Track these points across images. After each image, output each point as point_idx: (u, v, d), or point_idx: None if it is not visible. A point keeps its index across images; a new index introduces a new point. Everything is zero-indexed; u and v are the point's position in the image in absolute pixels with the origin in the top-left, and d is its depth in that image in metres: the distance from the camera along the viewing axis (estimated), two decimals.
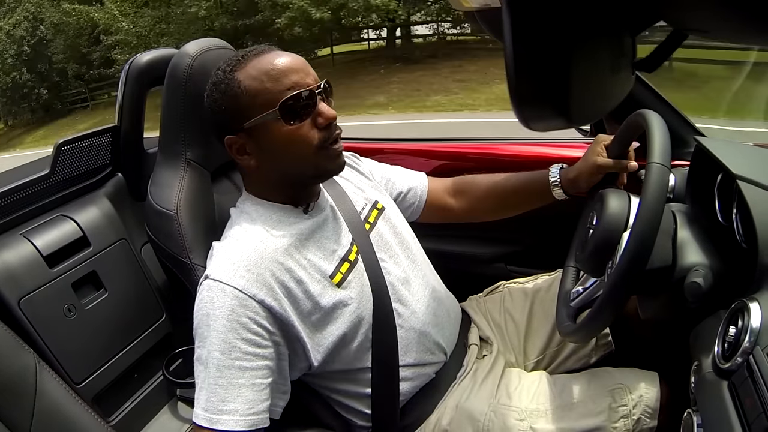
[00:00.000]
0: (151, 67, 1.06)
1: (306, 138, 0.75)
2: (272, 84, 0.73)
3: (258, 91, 0.73)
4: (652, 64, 0.45)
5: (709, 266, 0.67)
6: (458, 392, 0.88)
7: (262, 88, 0.73)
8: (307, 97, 0.74)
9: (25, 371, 0.74)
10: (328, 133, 0.76)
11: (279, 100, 0.73)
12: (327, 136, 0.76)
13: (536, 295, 1.03)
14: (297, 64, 0.75)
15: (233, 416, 0.67)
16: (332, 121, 0.76)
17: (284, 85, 0.73)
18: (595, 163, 0.90)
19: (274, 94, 0.73)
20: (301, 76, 0.74)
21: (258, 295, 0.70)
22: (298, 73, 0.74)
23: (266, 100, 0.73)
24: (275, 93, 0.73)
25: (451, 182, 1.06)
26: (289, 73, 0.74)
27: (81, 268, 0.99)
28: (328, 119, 0.75)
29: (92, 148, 1.08)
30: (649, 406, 0.80)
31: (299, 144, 0.75)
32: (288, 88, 0.73)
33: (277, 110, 0.73)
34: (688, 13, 0.36)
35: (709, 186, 0.78)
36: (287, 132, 0.74)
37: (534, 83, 0.39)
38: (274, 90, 0.73)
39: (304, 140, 0.75)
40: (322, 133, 0.75)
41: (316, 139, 0.75)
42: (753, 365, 0.52)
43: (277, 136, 0.74)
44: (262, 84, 0.73)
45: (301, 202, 0.81)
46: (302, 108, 0.74)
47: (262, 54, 0.76)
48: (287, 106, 0.73)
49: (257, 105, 0.74)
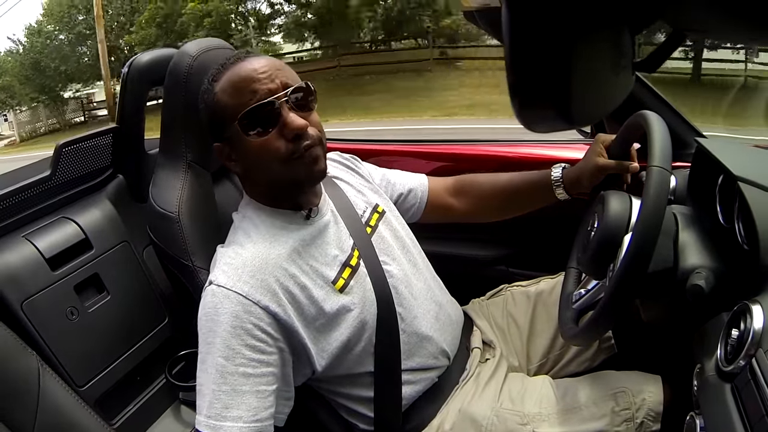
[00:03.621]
0: (151, 67, 1.06)
1: (271, 149, 0.73)
2: (236, 97, 0.73)
3: (225, 104, 0.74)
4: (653, 65, 0.45)
5: (710, 268, 0.66)
6: (461, 396, 0.87)
7: (229, 101, 0.74)
8: (266, 108, 0.72)
9: (28, 374, 0.74)
10: (295, 145, 0.73)
11: (238, 114, 0.73)
12: (294, 148, 0.73)
13: (539, 299, 1.02)
14: (263, 71, 0.74)
15: (237, 423, 0.67)
16: (299, 131, 0.73)
17: (245, 96, 0.73)
18: (596, 164, 0.89)
19: (236, 108, 0.73)
20: (263, 85, 0.73)
21: (262, 301, 0.70)
22: (260, 82, 0.73)
23: (231, 114, 0.74)
24: (237, 106, 0.73)
25: (452, 182, 1.06)
26: (251, 82, 0.73)
27: (83, 270, 0.99)
28: (294, 130, 0.72)
29: (93, 149, 1.08)
30: (652, 409, 0.79)
31: (266, 155, 0.74)
32: (248, 99, 0.72)
33: (236, 124, 0.73)
34: (687, 13, 0.36)
35: (711, 187, 0.77)
36: (253, 144, 0.74)
37: (534, 84, 0.39)
38: (236, 103, 0.73)
39: (269, 152, 0.73)
40: (289, 145, 0.73)
41: (282, 150, 0.73)
42: (756, 368, 0.52)
43: (246, 148, 0.75)
44: (228, 97, 0.74)
45: (301, 207, 0.81)
46: (264, 120, 0.73)
47: (237, 63, 0.76)
48: (245, 118, 0.73)
49: (227, 117, 0.74)
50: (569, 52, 0.37)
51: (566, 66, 0.38)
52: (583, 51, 0.38)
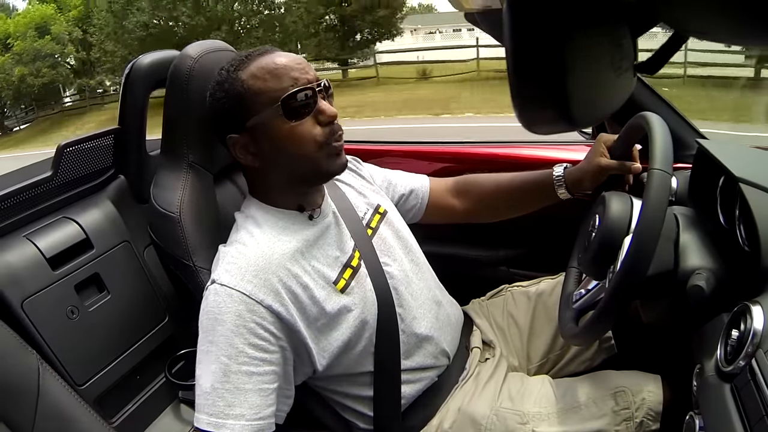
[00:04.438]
0: (153, 69, 1.06)
1: (308, 135, 0.75)
2: (274, 82, 0.74)
3: (261, 89, 0.74)
4: (654, 66, 0.45)
5: (711, 269, 0.67)
6: (460, 396, 0.88)
7: (264, 86, 0.74)
8: (309, 94, 0.74)
9: (28, 373, 0.74)
10: (330, 130, 0.76)
11: (281, 97, 0.73)
12: (329, 133, 0.76)
13: (539, 299, 1.03)
14: (298, 63, 0.76)
15: (239, 421, 0.67)
16: (334, 119, 0.76)
17: (286, 82, 0.74)
18: (598, 165, 0.89)
19: (277, 92, 0.73)
20: (302, 74, 0.75)
21: (265, 300, 0.71)
22: (299, 71, 0.75)
23: (269, 98, 0.74)
24: (277, 90, 0.73)
25: (453, 182, 1.06)
26: (291, 70, 0.75)
27: (84, 270, 0.99)
28: (330, 117, 0.75)
29: (95, 150, 1.08)
30: (651, 409, 0.79)
31: (301, 141, 0.75)
32: (290, 85, 0.74)
33: (280, 106, 0.73)
34: (687, 15, 0.36)
35: (711, 189, 0.78)
36: (289, 129, 0.74)
37: (535, 86, 0.39)
38: (276, 87, 0.74)
39: (306, 137, 0.75)
40: (324, 130, 0.76)
41: (318, 136, 0.75)
42: (755, 368, 0.52)
43: (279, 133, 0.75)
44: (264, 82, 0.74)
45: (305, 208, 0.81)
46: (304, 105, 0.74)
47: (265, 54, 0.77)
48: (289, 102, 0.73)
49: (260, 103, 0.74)
50: (570, 53, 0.37)
51: (567, 68, 0.38)
52: (584, 53, 0.38)
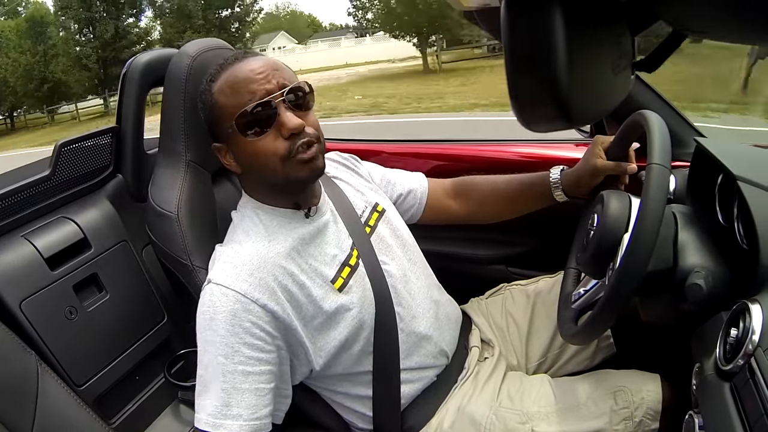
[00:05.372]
0: (151, 67, 1.06)
1: (269, 150, 0.73)
2: (234, 97, 0.73)
3: (224, 104, 0.74)
4: (652, 65, 0.45)
5: (710, 268, 0.66)
6: (460, 395, 0.87)
7: (225, 101, 0.74)
8: (263, 108, 0.72)
9: (27, 373, 0.74)
10: (292, 143, 0.73)
11: (235, 115, 0.73)
12: (290, 146, 0.73)
13: (538, 297, 1.02)
14: (259, 72, 0.74)
15: (237, 421, 0.67)
16: (296, 131, 0.73)
17: (244, 97, 0.73)
18: (595, 166, 0.89)
19: (233, 108, 0.73)
20: (261, 85, 0.73)
21: (261, 299, 0.70)
22: (258, 83, 0.73)
23: (228, 114, 0.74)
24: (234, 107, 0.73)
25: (451, 184, 1.06)
26: (249, 83, 0.73)
27: (82, 270, 0.99)
28: (291, 129, 0.72)
29: (93, 149, 1.08)
30: (651, 408, 0.79)
31: (263, 156, 0.74)
32: (247, 100, 0.72)
33: (233, 125, 0.73)
34: (686, 14, 0.36)
35: (710, 187, 0.77)
36: (249, 144, 0.74)
37: (534, 84, 0.39)
38: (233, 104, 0.73)
39: (267, 152, 0.73)
40: (286, 143, 0.73)
41: (280, 149, 0.73)
42: (755, 367, 0.52)
43: (243, 148, 0.75)
44: (225, 98, 0.74)
45: (300, 206, 0.81)
46: (261, 121, 0.73)
47: (234, 63, 0.76)
48: (243, 119, 0.72)
49: (224, 118, 0.74)
50: (569, 51, 0.37)
51: (565, 66, 0.38)
52: (583, 51, 0.38)
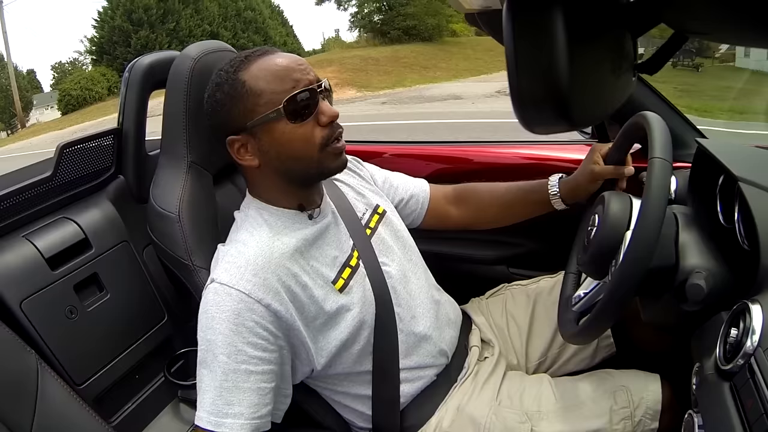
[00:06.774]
0: (153, 69, 1.06)
1: (309, 136, 0.75)
2: (276, 83, 0.73)
3: (262, 90, 0.73)
4: (654, 66, 0.45)
5: (710, 268, 0.67)
6: (459, 394, 0.88)
7: (266, 87, 0.73)
8: (309, 95, 0.74)
9: (27, 372, 0.74)
10: (330, 131, 0.76)
11: (283, 99, 0.73)
12: (329, 134, 0.76)
13: (538, 297, 1.03)
14: (299, 64, 0.76)
15: (238, 420, 0.67)
16: (334, 120, 0.76)
17: (288, 84, 0.73)
18: (592, 171, 0.90)
19: (278, 94, 0.73)
20: (303, 75, 0.75)
21: (264, 299, 0.70)
22: (300, 72, 0.75)
23: (270, 100, 0.73)
24: (279, 92, 0.73)
25: (452, 190, 1.06)
26: (292, 72, 0.74)
27: (83, 270, 0.99)
28: (331, 117, 0.75)
29: (95, 150, 1.08)
30: (650, 407, 0.79)
31: (302, 142, 0.75)
32: (292, 86, 0.73)
33: (282, 109, 0.73)
34: (688, 16, 0.37)
35: (711, 188, 0.78)
36: (291, 130, 0.74)
37: (535, 86, 0.39)
38: (277, 89, 0.73)
39: (307, 138, 0.75)
40: (324, 131, 0.75)
41: (318, 137, 0.75)
42: (754, 367, 0.52)
43: (281, 135, 0.74)
44: (266, 83, 0.73)
45: (305, 207, 0.81)
46: (305, 107, 0.74)
47: (265, 54, 0.76)
48: (291, 104, 0.73)
49: (261, 104, 0.73)
50: (570, 54, 0.37)
51: (567, 68, 0.38)
52: (584, 53, 0.38)
